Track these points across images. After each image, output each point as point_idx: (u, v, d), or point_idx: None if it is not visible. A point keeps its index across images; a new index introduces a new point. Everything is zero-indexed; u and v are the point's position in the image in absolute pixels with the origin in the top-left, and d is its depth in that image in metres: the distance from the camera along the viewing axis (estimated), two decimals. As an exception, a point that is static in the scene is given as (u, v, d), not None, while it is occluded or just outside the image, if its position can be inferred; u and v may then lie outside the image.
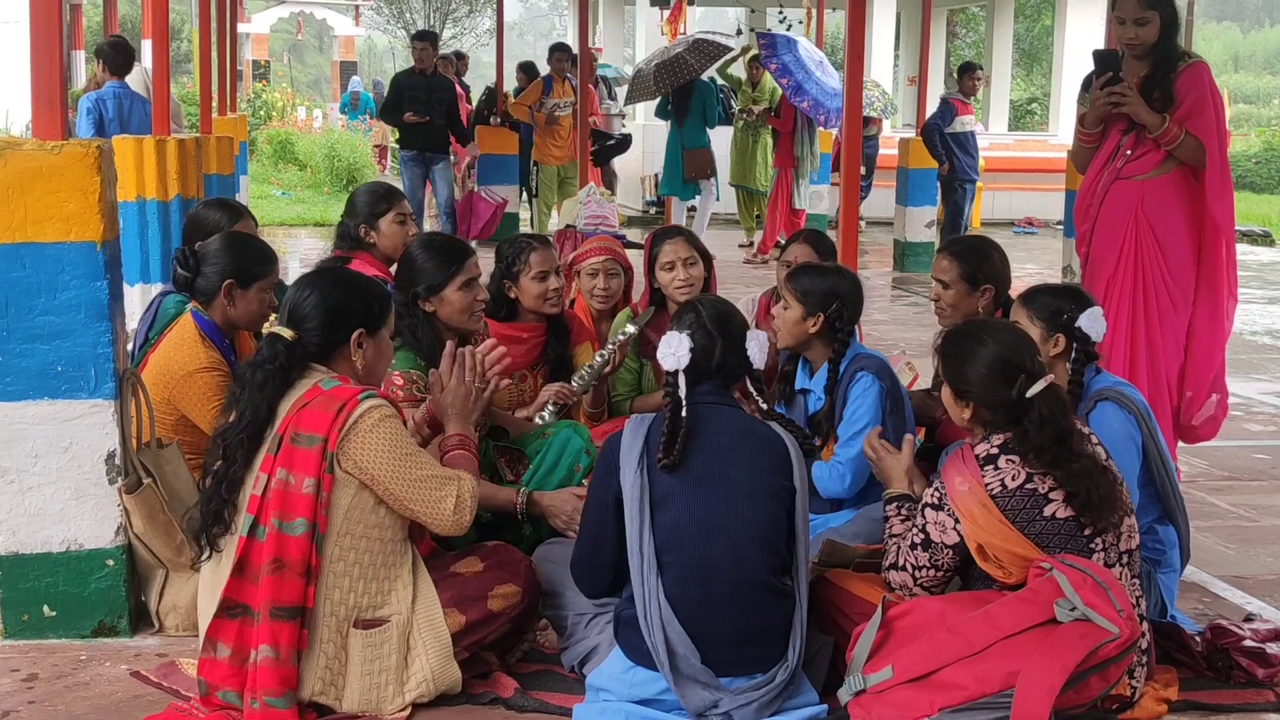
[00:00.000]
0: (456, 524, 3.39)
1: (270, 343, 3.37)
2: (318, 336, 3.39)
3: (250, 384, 3.34)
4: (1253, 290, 12.83)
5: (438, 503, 3.35)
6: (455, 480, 3.39)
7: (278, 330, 3.38)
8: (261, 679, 3.20)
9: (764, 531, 3.26)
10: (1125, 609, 3.12)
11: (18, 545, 3.79)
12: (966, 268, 4.42)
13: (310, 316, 3.39)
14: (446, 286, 4.19)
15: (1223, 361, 4.93)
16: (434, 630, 3.36)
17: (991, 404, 3.34)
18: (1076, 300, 3.89)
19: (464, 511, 3.39)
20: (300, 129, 26.58)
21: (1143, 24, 4.74)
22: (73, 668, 3.64)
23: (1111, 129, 4.92)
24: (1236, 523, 5.22)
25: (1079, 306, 3.84)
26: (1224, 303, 4.86)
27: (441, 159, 12.55)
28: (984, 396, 3.34)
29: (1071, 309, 3.83)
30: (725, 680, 3.21)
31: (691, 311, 3.48)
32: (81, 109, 8.75)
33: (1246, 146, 27.92)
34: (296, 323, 3.39)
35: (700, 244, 5.11)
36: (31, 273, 3.68)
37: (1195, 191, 4.79)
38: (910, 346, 5.37)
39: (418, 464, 3.33)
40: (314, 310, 3.39)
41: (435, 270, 4.20)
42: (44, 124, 3.71)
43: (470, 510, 3.41)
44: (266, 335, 3.41)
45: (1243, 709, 3.49)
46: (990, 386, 3.32)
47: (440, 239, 4.40)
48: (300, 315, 3.39)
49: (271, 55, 39.97)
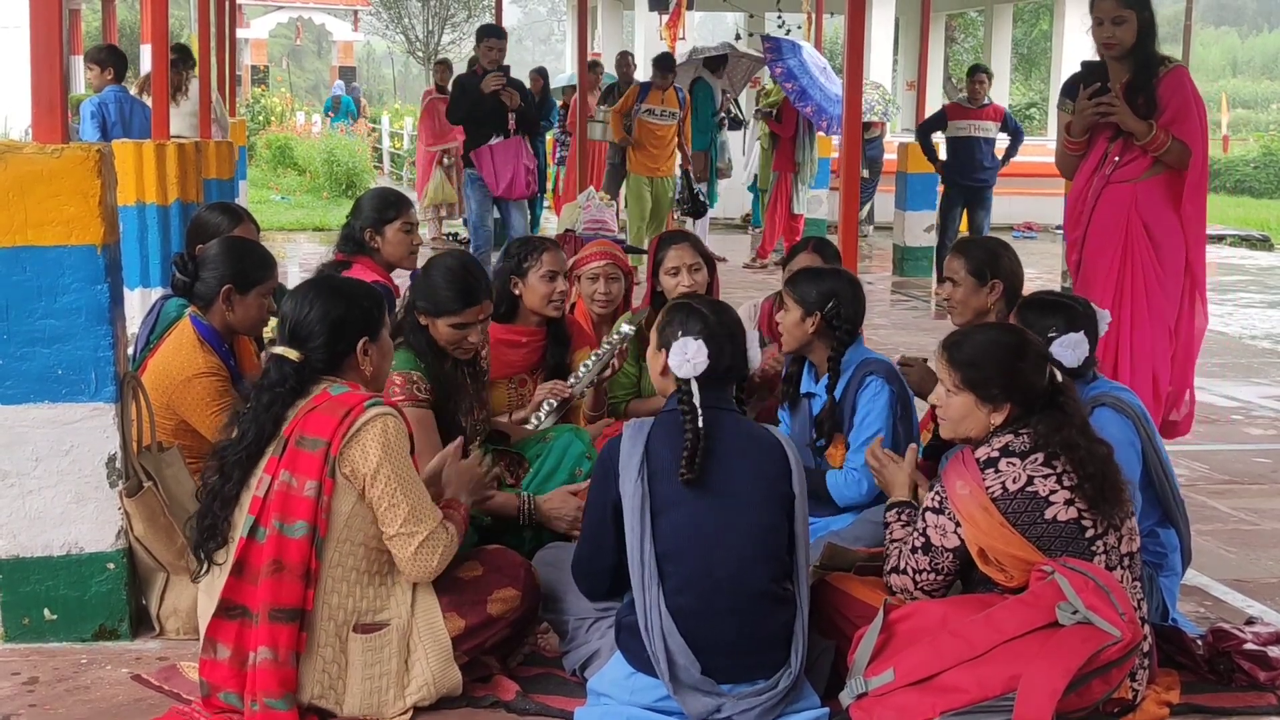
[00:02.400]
0: (415, 564, 3.31)
1: (277, 365, 3.35)
2: (324, 353, 3.37)
3: (256, 404, 3.33)
4: (1252, 295, 12.84)
5: (406, 537, 3.29)
6: (434, 521, 3.33)
7: (282, 352, 3.35)
8: (261, 680, 3.20)
9: (765, 539, 3.25)
10: (1127, 612, 3.12)
11: (18, 549, 3.79)
12: (974, 263, 4.42)
13: (314, 334, 3.36)
14: (440, 318, 4.09)
15: (1194, 358, 5.04)
16: (434, 634, 3.35)
17: (1027, 397, 3.33)
18: (1067, 319, 3.82)
19: (430, 557, 3.30)
20: (299, 134, 26.60)
21: (1119, 23, 4.78)
22: (73, 671, 3.64)
23: (1097, 137, 4.97)
24: (1237, 526, 5.22)
25: (1070, 324, 3.79)
26: (1201, 300, 4.96)
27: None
28: (1026, 394, 3.33)
29: (1059, 328, 3.77)
30: (727, 686, 3.20)
31: (699, 319, 3.39)
32: (84, 113, 8.75)
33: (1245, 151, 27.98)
34: (300, 341, 3.36)
35: (705, 249, 5.12)
36: (32, 276, 3.68)
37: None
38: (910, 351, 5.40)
39: (404, 490, 3.29)
40: (317, 327, 3.36)
41: (434, 299, 4.09)
42: (44, 127, 3.71)
43: (439, 560, 3.32)
44: (273, 357, 3.37)
45: (1244, 712, 3.48)
46: (1034, 381, 3.33)
47: (458, 270, 4.14)
48: (303, 334, 3.36)
49: (270, 60, 40.03)
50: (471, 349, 4.18)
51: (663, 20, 17.22)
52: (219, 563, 3.32)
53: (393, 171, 27.08)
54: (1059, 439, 3.24)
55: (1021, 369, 3.33)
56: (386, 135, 28.81)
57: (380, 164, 27.52)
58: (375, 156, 27.50)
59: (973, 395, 3.37)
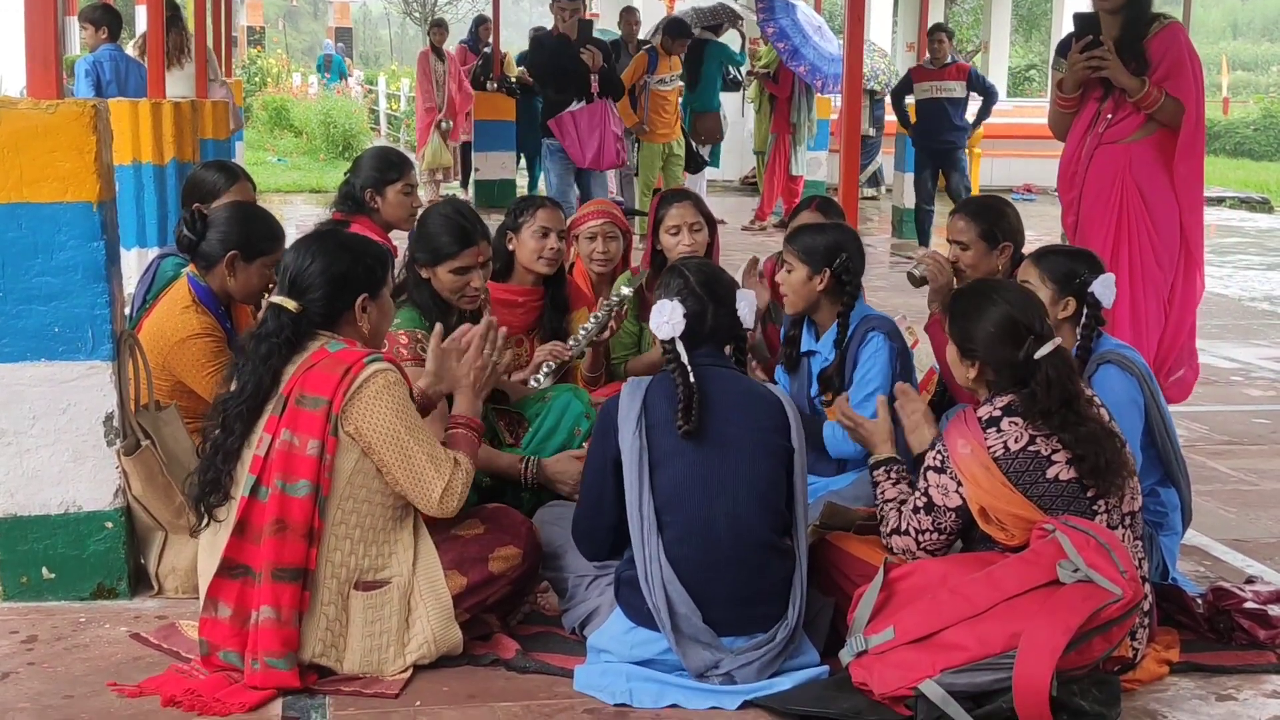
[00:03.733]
0: (441, 511, 3.34)
1: (274, 314, 3.33)
2: (322, 306, 3.36)
3: (254, 355, 3.31)
4: (1251, 256, 12.83)
5: (426, 485, 3.30)
6: (450, 465, 3.34)
7: (280, 301, 3.33)
8: (263, 640, 3.20)
9: (763, 490, 3.27)
10: (1128, 570, 3.12)
11: (16, 507, 3.78)
12: (984, 225, 4.38)
13: (314, 286, 3.34)
14: (439, 265, 4.08)
15: (1194, 324, 4.95)
16: (435, 592, 3.35)
17: (998, 364, 3.32)
18: (1090, 264, 3.85)
19: (451, 499, 3.33)
20: (295, 96, 26.48)
21: None
22: (72, 630, 3.63)
23: (1089, 95, 4.88)
24: (1236, 487, 5.23)
25: (1093, 271, 3.80)
26: (1198, 268, 4.88)
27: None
28: (991, 356, 3.32)
29: (1085, 272, 3.79)
30: (726, 640, 3.22)
31: (679, 278, 3.46)
32: (79, 71, 8.69)
33: (1245, 114, 27.88)
34: (300, 293, 3.34)
35: (706, 209, 5.09)
36: (28, 233, 3.65)
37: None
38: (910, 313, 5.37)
39: (416, 440, 3.29)
40: (317, 279, 3.34)
41: (434, 247, 4.08)
42: (39, 83, 3.69)
43: (459, 499, 3.35)
44: (269, 306, 3.36)
45: (1244, 670, 3.50)
46: (998, 346, 3.30)
47: (454, 218, 4.16)
48: (303, 285, 3.34)
49: (266, 21, 39.75)
50: (476, 295, 4.16)
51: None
52: (220, 519, 3.31)
53: (389, 133, 26.95)
54: (1056, 421, 3.22)
55: (990, 332, 3.31)
56: (383, 97, 28.68)
57: (377, 126, 27.39)
58: (372, 118, 27.38)
59: (956, 348, 3.41)
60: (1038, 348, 3.26)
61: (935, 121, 11.51)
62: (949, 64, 11.54)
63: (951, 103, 11.50)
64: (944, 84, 11.48)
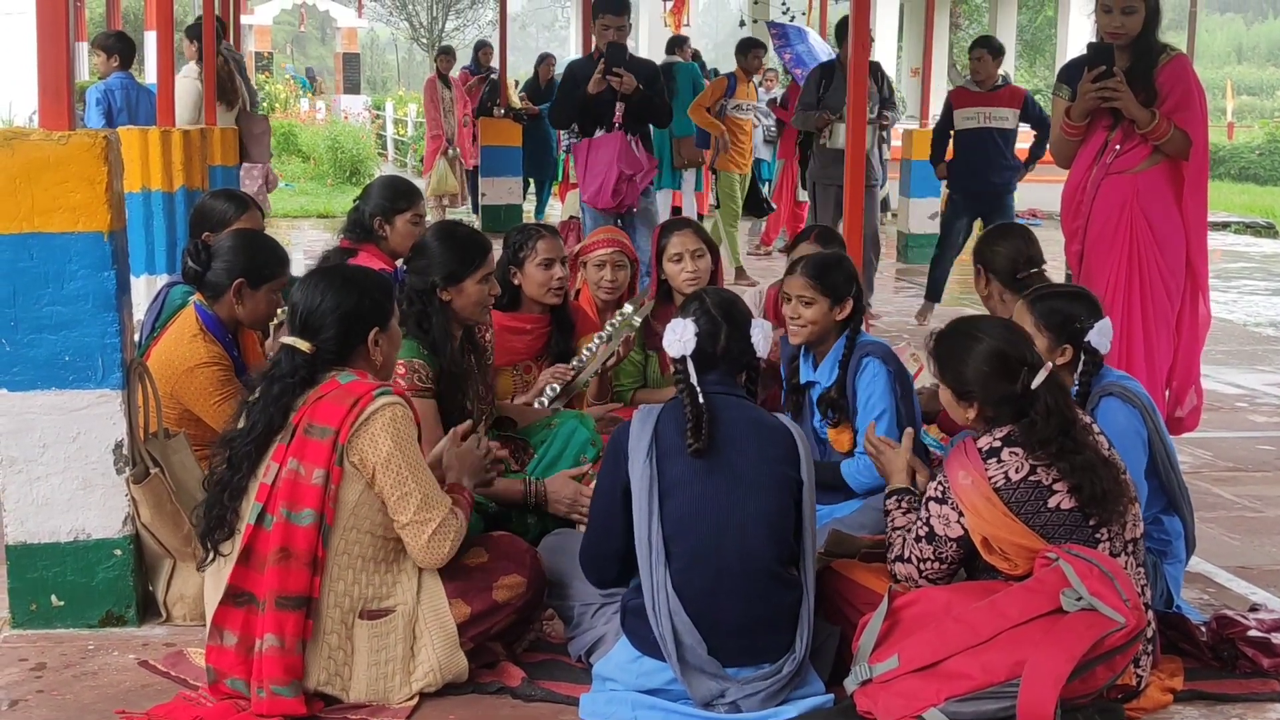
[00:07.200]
0: (430, 553, 3.33)
1: (289, 355, 3.35)
2: (335, 344, 3.38)
3: (266, 395, 3.33)
4: (1256, 282, 12.83)
5: (419, 525, 3.31)
6: (444, 508, 3.35)
7: (293, 343, 3.35)
8: (267, 668, 3.21)
9: (772, 521, 3.27)
10: (1131, 598, 3.12)
11: (26, 535, 3.80)
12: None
13: (326, 326, 3.36)
14: (466, 279, 4.12)
15: (1199, 352, 4.98)
16: (439, 620, 3.36)
17: (996, 401, 3.32)
18: (1089, 307, 3.80)
19: (442, 542, 3.33)
20: (303, 121, 26.59)
21: (1129, 13, 4.73)
22: (81, 657, 3.65)
23: (1097, 124, 4.91)
24: (1241, 513, 5.22)
25: (1091, 314, 3.77)
26: (1204, 297, 4.91)
27: (645, 191, 7.79)
28: (987, 394, 3.32)
29: (1082, 317, 3.75)
30: (732, 670, 3.22)
31: (696, 300, 3.49)
32: (90, 100, 8.75)
33: (1250, 138, 27.93)
34: (313, 333, 3.36)
35: (708, 236, 5.12)
36: (39, 263, 3.68)
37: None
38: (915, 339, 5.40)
39: (415, 477, 3.31)
40: (329, 319, 3.36)
41: (457, 261, 4.12)
42: (51, 114, 3.71)
43: (451, 546, 3.35)
44: (283, 347, 3.38)
45: (1248, 699, 3.49)
46: (993, 383, 3.30)
47: (462, 229, 4.30)
48: (315, 325, 3.36)
49: (274, 47, 39.96)
50: (492, 302, 4.26)
51: (667, 5, 17.18)
52: (225, 553, 3.33)
53: (397, 158, 27.06)
54: (1055, 449, 3.23)
55: (984, 371, 3.31)
56: (390, 122, 28.78)
57: (384, 151, 27.49)
58: (379, 143, 27.48)
59: (950, 391, 3.40)
60: (1032, 378, 3.27)
61: (980, 157, 9.10)
62: (1000, 87, 9.25)
63: (1001, 134, 9.12)
64: (995, 111, 9.12)
